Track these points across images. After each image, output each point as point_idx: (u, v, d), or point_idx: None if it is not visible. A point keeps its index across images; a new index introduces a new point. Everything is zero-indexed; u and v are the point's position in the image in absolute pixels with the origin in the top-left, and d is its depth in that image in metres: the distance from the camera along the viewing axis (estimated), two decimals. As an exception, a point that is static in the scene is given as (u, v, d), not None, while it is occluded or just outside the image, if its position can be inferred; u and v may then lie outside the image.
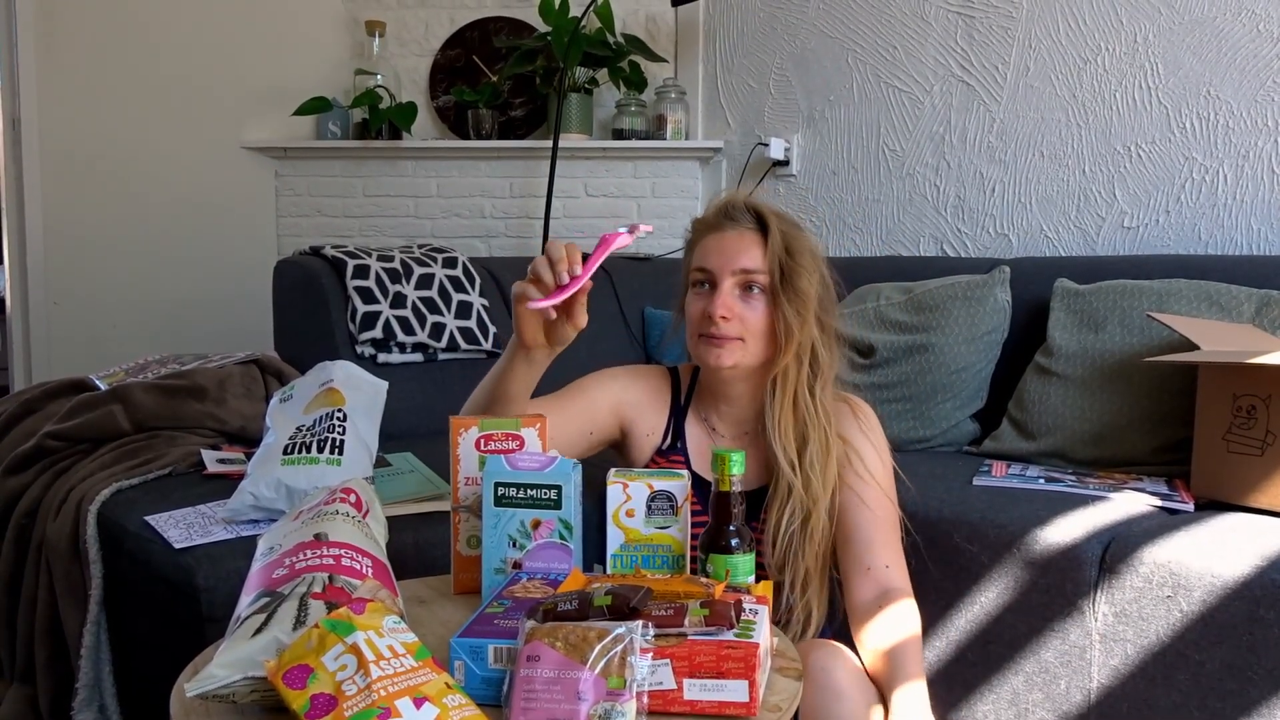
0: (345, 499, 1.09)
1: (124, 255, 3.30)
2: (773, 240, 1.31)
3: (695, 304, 1.34)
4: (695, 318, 1.34)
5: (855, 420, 1.37)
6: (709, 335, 1.31)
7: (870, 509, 1.30)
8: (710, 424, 1.43)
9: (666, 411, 1.43)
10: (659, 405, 1.43)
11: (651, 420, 1.42)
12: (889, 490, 1.34)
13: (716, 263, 1.32)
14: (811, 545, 1.28)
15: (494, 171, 3.20)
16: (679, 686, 0.86)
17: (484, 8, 3.26)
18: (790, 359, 1.31)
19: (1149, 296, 1.87)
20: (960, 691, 1.54)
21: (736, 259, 1.31)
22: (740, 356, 1.32)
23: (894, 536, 1.31)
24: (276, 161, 3.26)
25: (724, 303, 1.30)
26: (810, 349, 1.32)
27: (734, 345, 1.31)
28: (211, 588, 1.38)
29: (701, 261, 1.34)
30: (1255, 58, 2.13)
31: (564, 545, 1.08)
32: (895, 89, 2.73)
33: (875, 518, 1.30)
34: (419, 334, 2.22)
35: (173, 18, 3.26)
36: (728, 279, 1.31)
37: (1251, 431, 1.51)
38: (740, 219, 1.34)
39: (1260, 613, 1.26)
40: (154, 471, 1.70)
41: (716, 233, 1.34)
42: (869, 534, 1.28)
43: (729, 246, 1.32)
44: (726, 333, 1.30)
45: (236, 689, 0.83)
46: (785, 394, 1.32)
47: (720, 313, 1.29)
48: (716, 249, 1.33)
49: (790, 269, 1.30)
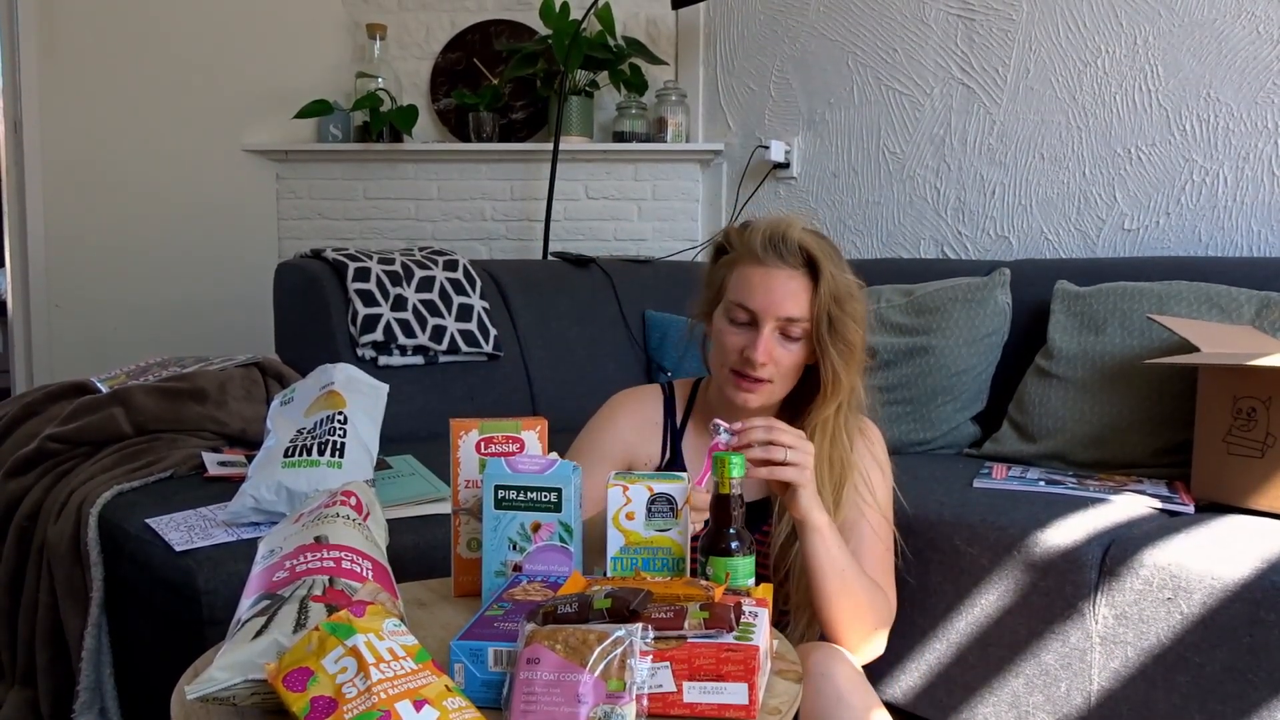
0: (346, 502, 1.09)
1: (125, 258, 3.30)
2: (823, 289, 1.26)
3: (732, 339, 1.29)
4: (731, 352, 1.29)
5: (865, 444, 1.36)
6: (742, 375, 1.28)
7: (871, 529, 1.32)
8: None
9: (660, 436, 1.42)
10: (653, 432, 1.42)
11: (648, 449, 1.41)
12: (888, 512, 1.36)
13: (762, 304, 1.26)
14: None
15: (495, 174, 3.20)
16: (679, 689, 0.86)
17: (485, 11, 3.26)
18: (835, 405, 1.29)
19: (1149, 298, 1.87)
20: (960, 694, 1.54)
21: (782, 305, 1.26)
22: (768, 398, 1.31)
23: (887, 557, 1.34)
24: (277, 164, 3.27)
25: (766, 349, 1.26)
26: (851, 391, 1.30)
27: (765, 388, 1.29)
28: (212, 590, 1.38)
29: (743, 297, 1.28)
30: (1255, 60, 2.13)
31: (564, 548, 1.08)
32: (895, 91, 2.73)
33: (872, 535, 1.32)
34: (420, 337, 2.22)
35: (174, 21, 3.26)
36: (770, 322, 1.26)
37: (1251, 433, 1.51)
38: (789, 259, 1.27)
39: (1261, 615, 1.26)
40: (155, 474, 1.70)
41: (762, 267, 1.27)
42: (862, 549, 1.30)
43: (776, 288, 1.26)
44: (762, 376, 1.27)
45: (237, 692, 0.84)
46: (825, 438, 1.29)
47: (761, 359, 1.26)
48: (763, 288, 1.27)
49: (838, 319, 1.26)
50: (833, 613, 1.23)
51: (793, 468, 1.15)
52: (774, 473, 1.15)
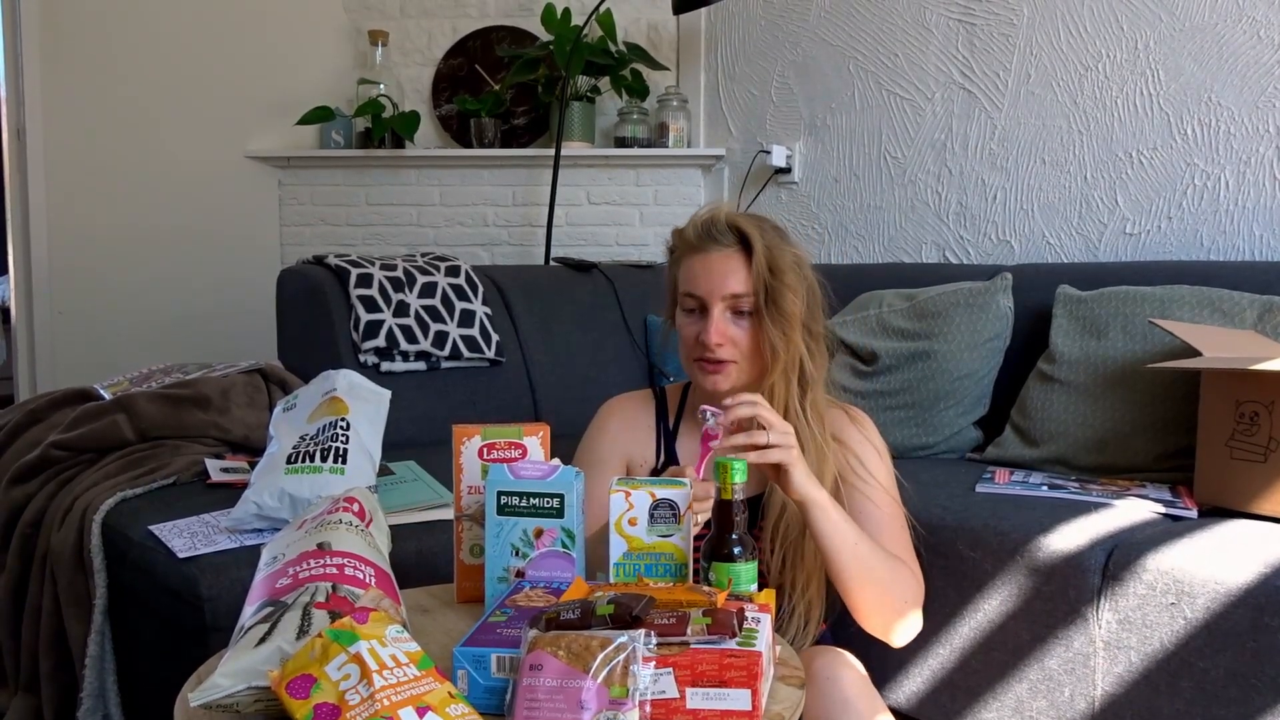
0: (348, 508, 1.09)
1: (128, 264, 3.31)
2: (756, 261, 1.29)
3: (688, 328, 1.34)
4: (689, 342, 1.34)
5: (854, 426, 1.37)
6: (704, 360, 1.32)
7: (877, 506, 1.31)
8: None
9: (653, 439, 1.43)
10: (645, 436, 1.43)
11: (642, 453, 1.42)
12: (892, 490, 1.35)
13: (704, 287, 1.31)
14: (809, 548, 1.28)
15: (496, 180, 3.20)
16: (681, 695, 0.86)
17: (486, 17, 3.27)
18: (777, 377, 1.31)
19: (1151, 303, 1.87)
20: (964, 699, 1.53)
21: (724, 284, 1.30)
22: (737, 378, 1.32)
23: (904, 534, 1.33)
24: (280, 171, 3.27)
25: (717, 329, 1.30)
26: (798, 364, 1.32)
27: (730, 368, 1.31)
28: (215, 597, 1.38)
29: (689, 286, 1.33)
30: (1256, 64, 2.13)
31: (566, 554, 1.08)
32: (897, 96, 2.74)
33: (883, 515, 1.31)
34: (422, 343, 2.23)
35: (176, 28, 3.27)
36: (717, 304, 1.30)
37: (1254, 438, 1.51)
38: (722, 238, 1.32)
39: (1264, 620, 1.25)
40: (158, 481, 1.71)
41: (701, 254, 1.33)
42: (876, 529, 1.29)
43: (714, 269, 1.31)
44: (722, 357, 1.30)
45: (240, 698, 0.84)
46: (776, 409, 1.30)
47: (714, 340, 1.29)
48: (703, 272, 1.32)
49: (774, 289, 1.29)
50: (856, 592, 1.23)
51: (778, 449, 1.15)
52: (763, 456, 1.15)
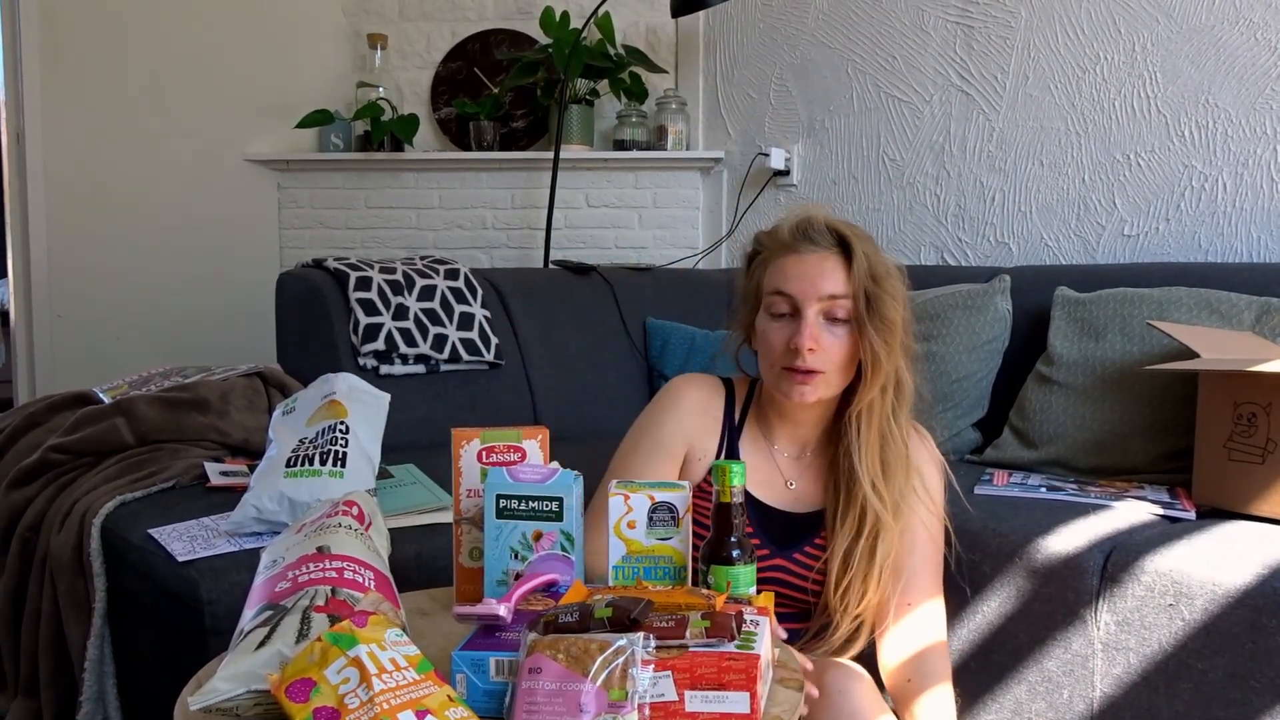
0: (348, 511, 1.09)
1: (127, 268, 3.31)
2: (857, 264, 1.23)
3: (777, 333, 1.26)
4: (778, 348, 1.26)
5: (924, 447, 1.35)
6: (794, 369, 1.24)
7: (928, 535, 1.31)
8: (770, 441, 1.37)
9: (719, 430, 1.37)
10: (711, 427, 1.37)
11: (705, 443, 1.36)
12: (940, 509, 1.35)
13: (799, 288, 1.24)
14: (875, 568, 1.25)
15: (496, 183, 3.21)
16: (680, 698, 0.86)
17: (485, 20, 3.27)
18: (875, 391, 1.25)
19: (1149, 305, 1.87)
20: (963, 701, 1.53)
21: (821, 284, 1.23)
22: (823, 391, 1.26)
23: (937, 573, 1.34)
24: (279, 174, 3.27)
25: (811, 334, 1.23)
26: (894, 378, 1.27)
27: (818, 380, 1.25)
28: (215, 600, 1.38)
29: (780, 285, 1.26)
30: (1253, 66, 2.13)
31: (565, 557, 1.08)
32: (895, 99, 2.74)
33: (928, 551, 1.32)
34: (421, 346, 2.23)
35: (175, 32, 3.27)
36: (813, 306, 1.23)
37: (1252, 439, 1.51)
38: (820, 240, 1.26)
39: (1263, 621, 1.26)
40: (157, 484, 1.71)
41: (795, 254, 1.26)
42: (917, 566, 1.30)
43: (810, 270, 1.24)
44: (813, 366, 1.23)
45: (240, 702, 0.84)
46: (871, 427, 1.26)
47: (808, 345, 1.22)
48: (797, 273, 1.25)
49: (876, 296, 1.23)
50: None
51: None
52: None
